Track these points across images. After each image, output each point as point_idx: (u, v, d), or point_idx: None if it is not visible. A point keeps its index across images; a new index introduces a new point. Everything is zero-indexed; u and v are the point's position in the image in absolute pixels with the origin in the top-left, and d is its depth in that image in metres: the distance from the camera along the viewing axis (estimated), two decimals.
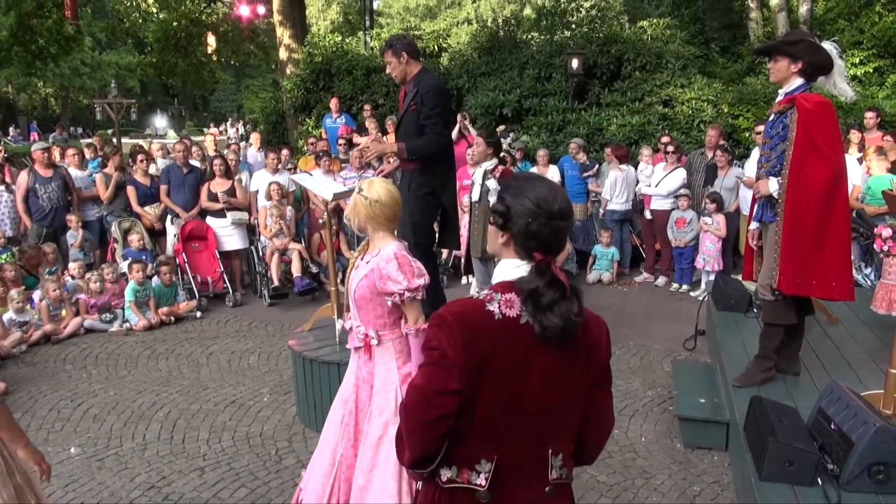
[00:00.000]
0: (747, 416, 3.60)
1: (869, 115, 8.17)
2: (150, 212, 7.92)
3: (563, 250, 7.54)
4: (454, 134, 9.08)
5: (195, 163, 8.47)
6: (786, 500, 3.00)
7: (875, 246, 3.52)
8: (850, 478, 2.99)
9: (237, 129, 31.74)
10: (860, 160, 7.21)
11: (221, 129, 32.70)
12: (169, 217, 8.04)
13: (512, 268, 1.71)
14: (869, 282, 6.59)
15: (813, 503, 2.96)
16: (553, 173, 8.95)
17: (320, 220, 7.98)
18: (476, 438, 1.68)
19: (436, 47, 12.98)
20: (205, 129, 27.63)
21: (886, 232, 3.39)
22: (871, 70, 11.15)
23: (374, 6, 27.36)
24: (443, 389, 1.64)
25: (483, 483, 1.68)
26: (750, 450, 3.37)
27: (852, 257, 6.72)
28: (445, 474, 1.72)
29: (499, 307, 1.66)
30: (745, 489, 3.38)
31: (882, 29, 11.60)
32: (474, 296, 1.74)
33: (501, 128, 9.85)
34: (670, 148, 8.03)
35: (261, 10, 17.37)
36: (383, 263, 2.67)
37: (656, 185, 8.02)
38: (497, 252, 1.78)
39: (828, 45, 3.87)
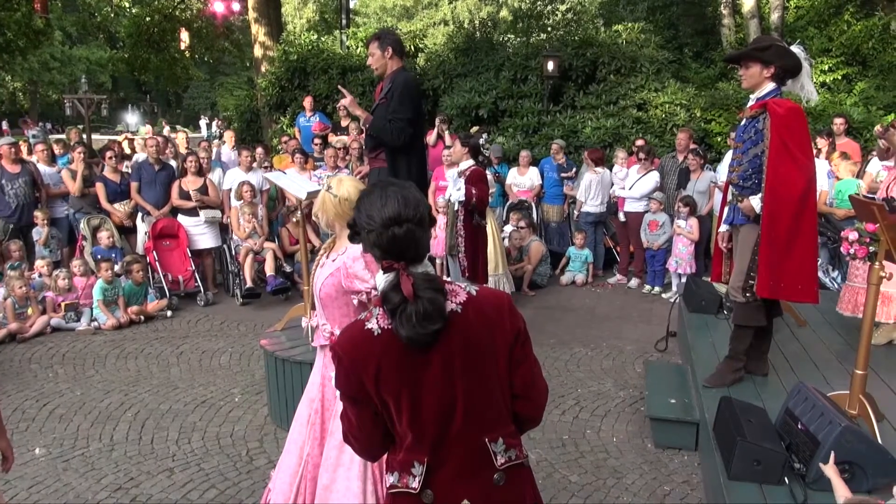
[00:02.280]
0: (717, 417, 3.64)
1: (837, 121, 8.32)
2: (120, 209, 7.81)
3: (529, 255, 7.53)
4: (433, 137, 9.09)
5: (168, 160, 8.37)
6: (753, 499, 3.04)
7: (842, 249, 3.57)
8: (817, 476, 3.03)
9: (212, 127, 31.41)
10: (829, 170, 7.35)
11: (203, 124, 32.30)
12: (140, 214, 7.92)
13: (381, 278, 1.71)
14: (836, 284, 6.71)
15: (780, 502, 2.99)
16: (533, 175, 9.00)
17: (294, 219, 7.93)
18: (407, 446, 1.74)
19: (412, 48, 12.97)
20: (177, 127, 27.26)
21: (853, 235, 3.44)
22: (839, 77, 11.37)
23: (351, 5, 27.27)
24: (360, 422, 1.75)
25: (416, 486, 1.71)
26: (719, 449, 3.41)
27: (821, 261, 6.89)
28: (389, 480, 1.78)
29: (377, 322, 1.69)
30: (714, 488, 3.41)
31: (850, 37, 11.85)
32: (363, 316, 1.76)
33: (475, 129, 9.86)
34: (642, 154, 8.12)
35: (235, 6, 17.23)
36: (350, 262, 2.65)
37: (630, 188, 8.09)
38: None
39: (795, 49, 3.94)
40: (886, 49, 11.65)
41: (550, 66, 10.48)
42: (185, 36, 19.01)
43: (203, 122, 34.53)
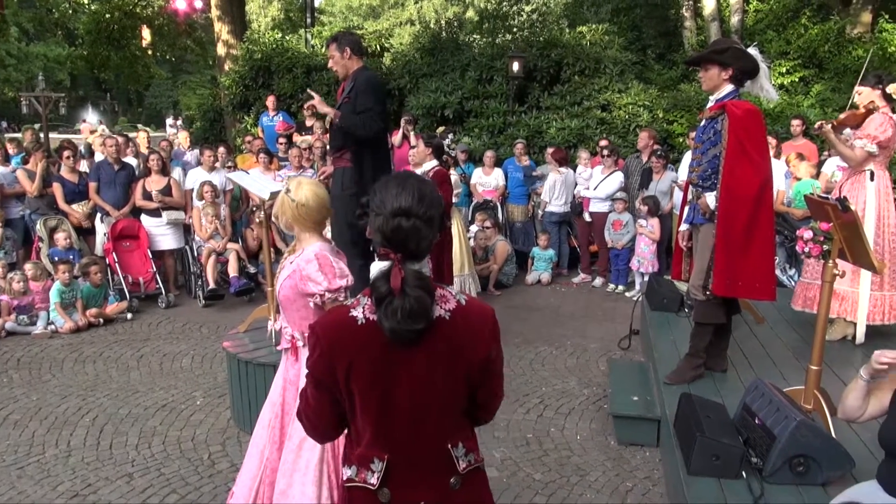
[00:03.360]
0: (677, 413, 3.70)
1: (795, 122, 8.51)
2: (78, 209, 7.64)
3: (495, 255, 7.54)
4: (398, 137, 9.07)
5: (128, 160, 8.21)
6: (712, 493, 3.09)
7: (797, 248, 3.65)
8: (773, 470, 3.10)
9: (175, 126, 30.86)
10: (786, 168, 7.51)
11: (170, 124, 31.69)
12: (99, 215, 7.76)
13: (377, 268, 1.72)
14: (793, 282, 6.86)
15: (737, 496, 3.05)
16: (498, 175, 9.04)
17: (257, 220, 7.84)
18: (365, 439, 1.73)
19: (378, 47, 12.92)
20: (139, 126, 26.77)
21: (807, 234, 3.53)
22: (796, 80, 11.62)
23: (316, 4, 27.07)
24: (318, 405, 1.76)
25: (375, 482, 1.71)
26: (679, 445, 3.46)
27: (778, 259, 7.04)
28: (346, 473, 1.77)
29: (363, 311, 1.69)
30: (674, 484, 3.47)
31: (808, 40, 12.11)
32: (349, 302, 1.76)
33: (441, 129, 9.87)
34: (605, 152, 8.21)
35: (198, 3, 16.95)
36: (303, 264, 2.64)
37: (595, 189, 8.18)
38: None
39: (752, 51, 4.02)
40: (841, 52, 11.94)
41: (516, 66, 10.53)
42: (146, 33, 18.67)
43: (169, 122, 33.98)
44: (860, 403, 2.56)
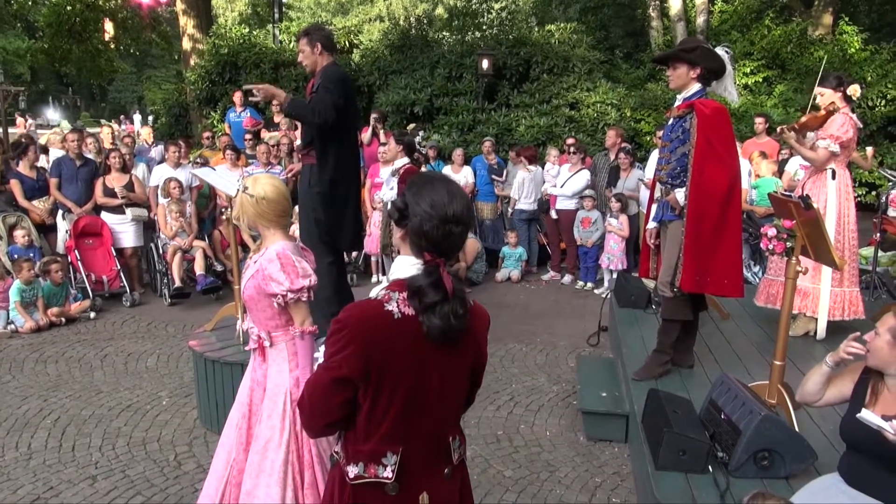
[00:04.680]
0: (645, 409, 3.74)
1: (758, 120, 8.67)
2: (39, 206, 7.45)
3: (464, 252, 7.59)
4: (367, 135, 9.03)
5: (90, 156, 8.02)
6: (679, 487, 3.13)
7: (762, 245, 3.71)
8: (738, 464, 3.15)
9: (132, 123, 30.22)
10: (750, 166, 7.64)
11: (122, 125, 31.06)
12: (60, 212, 7.57)
13: (408, 265, 1.73)
14: (757, 279, 6.98)
15: (704, 490, 3.09)
16: (466, 173, 9.03)
17: (223, 217, 7.74)
18: (381, 435, 1.73)
19: (347, 44, 12.85)
20: (102, 121, 26.22)
21: (771, 232, 3.59)
22: (760, 80, 11.84)
23: None
24: (332, 402, 1.72)
25: (390, 476, 1.73)
26: (647, 440, 3.50)
27: (743, 256, 7.15)
28: (353, 471, 1.75)
29: (398, 306, 1.68)
30: (642, 479, 3.50)
31: (771, 41, 12.35)
32: (377, 296, 1.73)
33: (412, 126, 9.84)
34: (572, 150, 8.26)
35: None
36: (266, 263, 2.60)
37: (562, 186, 8.22)
38: (398, 246, 1.80)
39: (720, 51, 4.07)
40: (803, 53, 12.20)
41: (485, 64, 10.55)
42: (109, 26, 18.27)
43: (137, 118, 33.33)
44: (819, 388, 2.64)
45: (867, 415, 2.28)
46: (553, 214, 8.43)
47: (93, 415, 4.65)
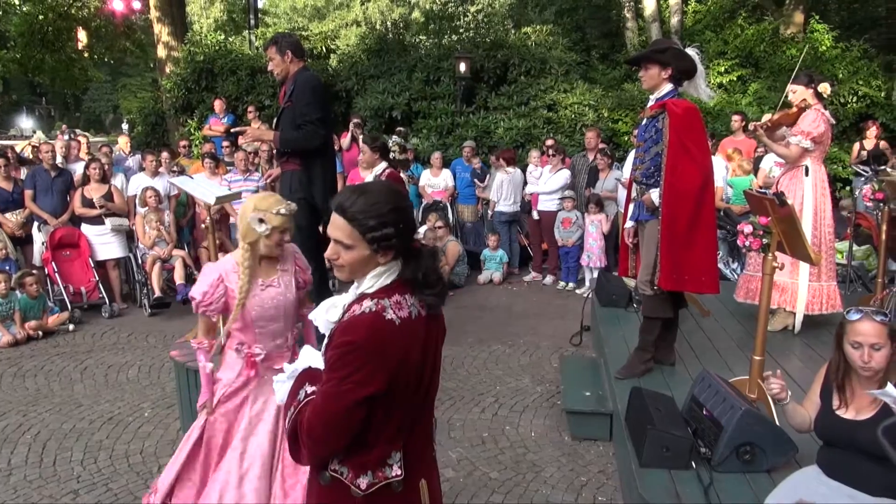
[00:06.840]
0: (628, 407, 3.77)
1: (735, 118, 8.76)
2: (13, 219, 7.35)
3: (446, 255, 7.54)
4: (346, 141, 9.01)
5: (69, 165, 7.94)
6: (663, 484, 3.16)
7: (738, 242, 3.77)
8: (721, 459, 3.19)
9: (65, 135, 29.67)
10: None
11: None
12: (36, 224, 7.47)
13: (383, 275, 1.76)
14: (736, 275, 7.06)
15: (688, 486, 3.12)
16: (446, 176, 9.05)
17: (203, 226, 7.68)
18: (386, 438, 1.76)
19: (324, 48, 12.81)
20: (77, 131, 25.89)
21: (748, 229, 3.64)
22: (734, 78, 11.96)
23: (260, 5, 26.65)
24: (355, 420, 1.69)
25: (398, 473, 1.77)
26: (631, 438, 3.53)
27: (721, 253, 7.24)
28: (364, 482, 1.75)
29: (394, 313, 1.71)
30: (627, 476, 3.53)
31: (744, 40, 12.48)
32: (367, 309, 1.70)
33: (400, 130, 9.81)
34: (551, 151, 8.32)
35: (136, 4, 16.45)
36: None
37: (542, 184, 8.27)
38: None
39: (691, 52, 4.13)
40: (776, 52, 12.34)
41: (462, 67, 10.58)
42: (82, 35, 18.04)
43: (125, 126, 32.93)
44: (802, 418, 2.75)
45: (891, 389, 2.20)
46: (535, 215, 8.47)
47: (73, 428, 4.59)
